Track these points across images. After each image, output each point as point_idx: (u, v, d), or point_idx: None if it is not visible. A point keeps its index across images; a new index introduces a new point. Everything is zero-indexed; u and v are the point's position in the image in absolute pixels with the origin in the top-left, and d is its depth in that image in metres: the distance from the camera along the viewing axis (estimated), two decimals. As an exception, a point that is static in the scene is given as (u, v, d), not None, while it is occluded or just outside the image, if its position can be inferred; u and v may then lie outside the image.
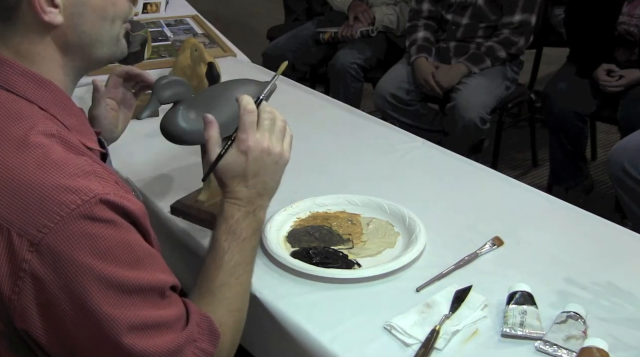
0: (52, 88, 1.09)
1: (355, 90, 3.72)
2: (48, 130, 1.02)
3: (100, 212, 0.96)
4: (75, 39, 1.10)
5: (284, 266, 1.40)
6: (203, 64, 2.18)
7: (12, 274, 0.94)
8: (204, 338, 1.08)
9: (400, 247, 1.47)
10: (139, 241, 1.02)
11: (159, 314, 1.01)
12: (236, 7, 6.87)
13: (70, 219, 0.93)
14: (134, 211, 1.01)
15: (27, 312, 0.95)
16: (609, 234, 1.54)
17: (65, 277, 0.94)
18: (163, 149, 1.83)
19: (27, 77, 1.07)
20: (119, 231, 0.98)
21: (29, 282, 0.94)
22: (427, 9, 3.45)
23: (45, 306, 0.95)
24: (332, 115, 2.21)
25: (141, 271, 1.00)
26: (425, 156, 1.91)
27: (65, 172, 0.97)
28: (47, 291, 0.94)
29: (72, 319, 0.95)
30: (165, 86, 1.42)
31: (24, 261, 0.93)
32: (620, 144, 2.66)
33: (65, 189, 0.95)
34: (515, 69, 3.39)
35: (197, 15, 3.29)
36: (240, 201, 1.23)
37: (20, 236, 0.93)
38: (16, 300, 0.95)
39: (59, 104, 1.09)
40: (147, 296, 1.00)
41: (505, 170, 3.52)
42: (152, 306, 1.01)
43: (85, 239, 0.94)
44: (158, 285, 1.02)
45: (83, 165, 1.00)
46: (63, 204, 0.94)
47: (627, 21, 3.05)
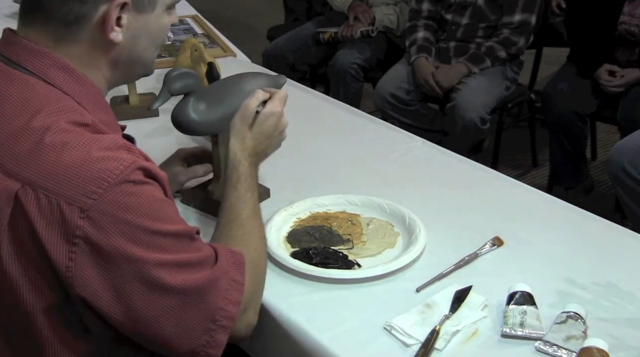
0: (87, 84, 1.16)
1: (355, 90, 3.71)
2: (82, 120, 1.09)
3: (139, 176, 1.07)
4: (126, 58, 1.20)
5: (284, 266, 1.40)
6: (203, 64, 2.18)
7: (67, 241, 1.02)
8: (234, 270, 1.18)
9: (400, 248, 1.47)
10: (166, 198, 1.13)
11: (194, 255, 1.12)
12: (236, 7, 6.87)
13: (116, 183, 1.03)
14: (161, 176, 1.13)
15: (85, 277, 1.03)
16: (609, 234, 1.54)
17: (116, 236, 1.03)
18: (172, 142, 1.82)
19: (66, 72, 1.13)
20: (154, 190, 1.10)
21: (84, 247, 1.02)
22: (427, 9, 3.45)
23: (102, 268, 1.03)
24: (332, 115, 2.21)
25: (174, 223, 1.11)
26: (425, 156, 1.91)
27: (102, 145, 1.06)
28: (101, 252, 1.03)
29: (126, 274, 1.04)
30: (176, 78, 1.45)
31: (77, 227, 1.01)
32: (620, 144, 2.66)
33: (107, 159, 1.04)
34: (515, 69, 3.39)
35: (197, 15, 3.29)
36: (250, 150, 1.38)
37: (70, 204, 1.01)
38: (74, 267, 1.03)
39: (91, 99, 1.16)
40: (182, 240, 1.11)
41: (505, 170, 3.51)
42: (187, 248, 1.11)
43: (130, 198, 1.04)
44: (188, 231, 1.13)
45: (116, 139, 1.10)
46: (108, 170, 1.03)
47: (628, 21, 3.05)
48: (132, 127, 1.64)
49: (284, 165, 1.78)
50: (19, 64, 1.12)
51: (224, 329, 1.14)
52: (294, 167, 1.80)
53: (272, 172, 1.64)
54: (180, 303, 1.09)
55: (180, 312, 1.09)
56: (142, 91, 2.21)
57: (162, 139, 1.71)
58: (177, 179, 1.62)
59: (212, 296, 1.13)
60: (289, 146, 1.53)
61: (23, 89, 1.10)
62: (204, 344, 1.12)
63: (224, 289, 1.14)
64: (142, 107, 2.10)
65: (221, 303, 1.13)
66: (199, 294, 1.11)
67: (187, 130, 1.49)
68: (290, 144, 1.56)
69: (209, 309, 1.12)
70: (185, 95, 1.47)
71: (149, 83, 2.32)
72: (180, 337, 1.11)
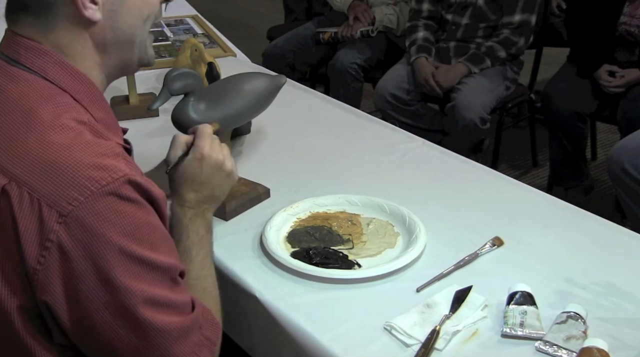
0: (86, 81, 1.14)
1: (355, 90, 3.71)
2: (80, 118, 1.08)
3: (127, 192, 1.01)
4: (112, 37, 1.16)
5: (284, 266, 1.40)
6: (203, 64, 2.18)
7: (40, 244, 0.98)
8: (208, 327, 1.13)
9: (401, 248, 1.47)
10: (158, 224, 1.08)
11: (171, 295, 1.06)
12: (236, 7, 6.87)
13: (100, 195, 0.98)
14: (157, 196, 1.07)
15: (50, 284, 0.99)
16: (609, 234, 1.54)
17: (89, 249, 0.98)
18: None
19: (63, 68, 1.13)
20: (142, 211, 1.04)
21: (55, 253, 0.98)
22: (427, 9, 3.45)
23: (68, 278, 0.99)
24: (332, 115, 2.21)
25: (158, 253, 1.05)
26: (425, 156, 1.91)
27: (97, 151, 1.02)
28: (71, 262, 0.98)
29: (92, 291, 0.99)
30: (176, 78, 1.45)
31: (52, 231, 0.97)
32: (620, 144, 2.66)
33: (96, 166, 1.00)
34: (515, 69, 3.39)
35: (197, 15, 3.30)
36: (189, 203, 1.30)
37: (50, 207, 0.98)
38: (40, 271, 0.99)
39: (90, 97, 1.14)
40: (162, 276, 1.05)
41: (505, 170, 3.52)
42: (165, 287, 1.05)
43: (112, 214, 0.99)
44: (171, 268, 1.07)
45: (113, 147, 1.06)
46: (94, 179, 0.99)
47: (628, 21, 3.05)
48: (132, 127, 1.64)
49: (283, 165, 1.78)
50: (19, 61, 1.11)
51: None
52: (294, 167, 1.80)
53: (272, 172, 1.64)
54: (142, 341, 1.03)
55: (140, 350, 1.04)
56: (142, 91, 2.21)
57: (162, 139, 1.70)
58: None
59: (179, 346, 1.07)
60: (288, 146, 1.54)
61: (22, 85, 1.09)
62: None
63: (194, 344, 1.09)
64: (142, 107, 2.10)
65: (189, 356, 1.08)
66: (167, 338, 1.05)
67: (187, 130, 1.49)
68: (290, 144, 1.57)
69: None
70: (185, 95, 1.47)
71: (149, 83, 2.33)
72: None
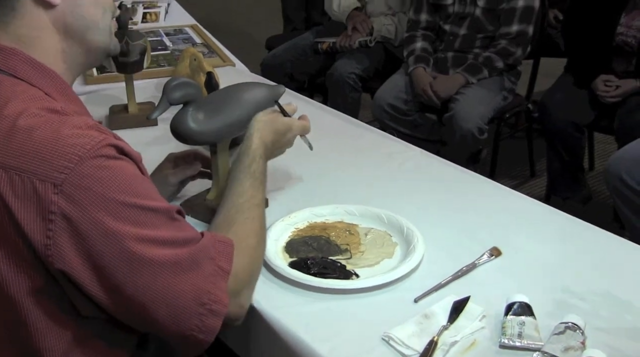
0: (53, 76, 1.17)
1: (354, 100, 3.72)
2: (50, 106, 1.10)
3: (110, 152, 1.07)
4: (72, 22, 1.18)
5: (282, 276, 1.40)
6: (202, 73, 2.19)
7: (43, 219, 1.02)
8: (220, 257, 1.17)
9: (398, 258, 1.47)
10: (141, 175, 1.13)
11: (174, 232, 1.11)
12: (235, 17, 6.88)
13: (87, 158, 1.03)
14: (134, 155, 1.13)
15: (63, 252, 1.03)
16: (607, 244, 1.54)
17: (90, 210, 1.03)
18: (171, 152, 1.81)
19: (30, 65, 1.15)
20: (129, 166, 1.10)
21: (60, 222, 1.02)
22: (425, 20, 3.46)
23: (78, 241, 1.03)
24: (330, 125, 2.21)
25: (151, 199, 1.10)
26: (423, 166, 1.91)
27: (73, 124, 1.07)
28: (77, 226, 1.03)
29: (102, 246, 1.04)
30: (176, 87, 1.45)
31: (52, 203, 1.02)
32: (617, 155, 2.67)
33: (77, 135, 1.05)
34: (513, 80, 3.40)
35: (196, 25, 3.30)
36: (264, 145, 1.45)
37: (43, 181, 1.02)
38: (52, 244, 1.03)
39: (59, 91, 1.17)
40: (160, 217, 1.10)
41: (503, 180, 3.52)
42: (166, 226, 1.11)
43: (102, 171, 1.04)
44: (166, 208, 1.12)
45: (87, 121, 1.10)
46: (78, 145, 1.03)
47: (624, 32, 3.07)
48: (131, 136, 1.64)
49: (281, 175, 1.78)
50: None
51: (214, 314, 1.13)
52: (292, 177, 1.81)
53: (269, 182, 1.63)
54: (158, 278, 1.08)
55: (161, 289, 1.08)
56: (141, 100, 2.21)
57: (161, 148, 1.71)
58: (167, 181, 1.62)
59: (194, 275, 1.11)
60: (286, 156, 1.54)
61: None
62: (193, 328, 1.12)
63: (208, 273, 1.14)
64: (141, 116, 2.11)
65: (207, 286, 1.13)
66: (178, 270, 1.10)
67: (186, 140, 1.49)
68: (287, 154, 1.57)
69: (193, 288, 1.11)
70: (184, 105, 1.47)
71: (148, 92, 2.33)
72: (167, 318, 1.10)
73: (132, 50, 2.06)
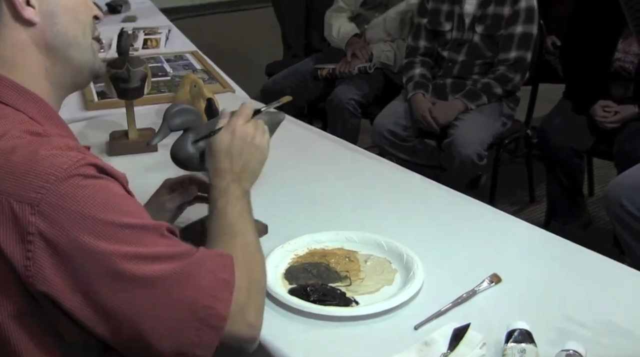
0: (37, 99, 1.16)
1: (353, 126, 3.73)
2: (32, 129, 1.10)
3: (89, 171, 1.05)
4: (53, 39, 1.18)
5: (282, 303, 1.40)
6: (202, 99, 2.20)
7: (22, 240, 1.00)
8: (222, 270, 1.13)
9: (398, 285, 1.47)
10: (127, 194, 1.11)
11: (164, 248, 1.08)
12: (235, 43, 6.92)
13: (64, 178, 1.02)
14: (117, 174, 1.11)
15: (44, 273, 1.01)
16: (608, 270, 1.53)
17: (68, 229, 1.00)
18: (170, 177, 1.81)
19: (14, 90, 1.15)
20: (109, 184, 1.07)
21: (39, 243, 1.00)
22: (423, 46, 3.47)
23: (58, 262, 1.01)
24: (329, 151, 2.22)
25: (135, 217, 1.07)
26: (422, 192, 1.91)
27: (52, 145, 1.06)
28: (56, 246, 1.01)
29: (84, 266, 1.02)
30: (176, 114, 1.46)
31: (29, 223, 1.00)
32: (617, 180, 2.67)
33: (55, 156, 1.04)
34: (512, 105, 3.41)
35: (196, 51, 3.32)
36: (224, 171, 1.37)
37: (20, 202, 1.00)
38: (32, 265, 1.01)
39: (44, 115, 1.16)
40: (148, 234, 1.07)
41: (502, 206, 3.52)
42: (155, 242, 1.07)
43: (80, 190, 1.02)
44: (155, 225, 1.09)
45: (68, 142, 1.09)
46: (55, 165, 1.02)
47: (622, 57, 3.08)
48: (131, 162, 1.65)
49: (281, 202, 1.78)
50: None
51: (213, 329, 1.09)
52: (291, 203, 1.81)
53: (269, 209, 1.64)
54: (150, 296, 1.05)
55: (153, 305, 1.05)
56: (142, 126, 2.22)
57: (161, 174, 1.71)
58: (164, 207, 1.61)
59: (190, 289, 1.07)
60: (286, 182, 1.54)
61: None
62: (189, 344, 1.07)
63: (206, 286, 1.09)
64: (141, 142, 2.11)
65: (205, 300, 1.08)
66: (171, 284, 1.06)
67: (185, 166, 1.49)
68: (287, 180, 1.57)
69: (188, 304, 1.07)
70: (184, 131, 1.48)
71: (148, 118, 2.34)
72: (162, 335, 1.06)
73: (132, 77, 2.07)
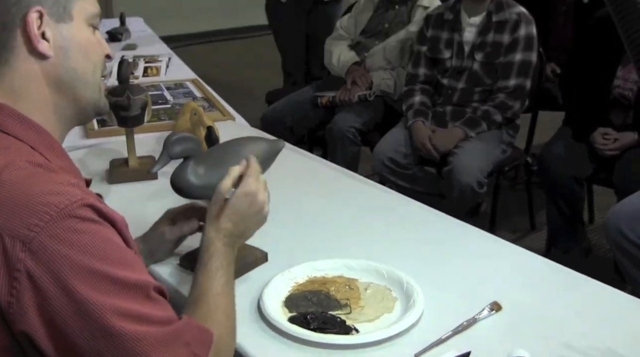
0: (40, 131, 1.16)
1: (353, 154, 3.73)
2: (34, 160, 1.09)
3: (87, 213, 1.03)
4: (63, 74, 1.19)
5: (282, 331, 1.39)
6: (202, 127, 2.20)
7: (8, 276, 0.99)
8: (198, 344, 1.11)
9: (399, 313, 1.46)
10: (121, 243, 1.08)
11: (146, 310, 1.05)
12: (235, 71, 6.95)
13: (60, 218, 1.00)
14: (115, 218, 1.09)
15: (25, 313, 0.99)
16: (608, 298, 1.53)
17: (56, 272, 0.99)
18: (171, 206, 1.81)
19: (18, 120, 1.14)
20: (104, 230, 1.05)
21: (25, 282, 0.99)
22: (423, 74, 3.49)
23: (41, 304, 0.99)
24: (329, 178, 2.22)
25: (125, 269, 1.04)
26: (422, 220, 1.91)
27: (52, 181, 1.05)
28: (41, 288, 0.99)
29: (66, 313, 1.00)
30: (176, 142, 1.47)
31: (18, 260, 0.98)
32: (617, 208, 2.66)
33: (52, 193, 1.02)
34: (512, 133, 3.41)
35: (196, 79, 3.33)
36: (225, 232, 1.38)
37: (13, 237, 0.99)
38: (15, 304, 0.99)
39: (47, 146, 1.16)
40: (134, 292, 1.04)
41: (503, 233, 3.51)
42: (137, 302, 1.05)
43: (73, 234, 1.00)
44: (143, 284, 1.06)
45: (68, 179, 1.08)
46: (52, 204, 1.01)
47: (621, 85, 3.09)
48: (131, 190, 1.65)
49: (281, 229, 1.78)
50: None
51: None
52: (292, 231, 1.80)
53: (269, 236, 1.64)
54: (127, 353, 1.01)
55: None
56: (142, 154, 2.22)
57: (161, 202, 1.71)
58: (165, 238, 1.62)
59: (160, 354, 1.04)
60: (286, 210, 1.54)
61: None
62: None
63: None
64: (141, 170, 2.11)
65: None
66: (148, 350, 1.03)
67: (186, 194, 1.50)
68: (287, 208, 1.57)
69: None
70: (184, 159, 1.48)
71: (148, 146, 2.35)
72: None
73: (133, 105, 2.08)
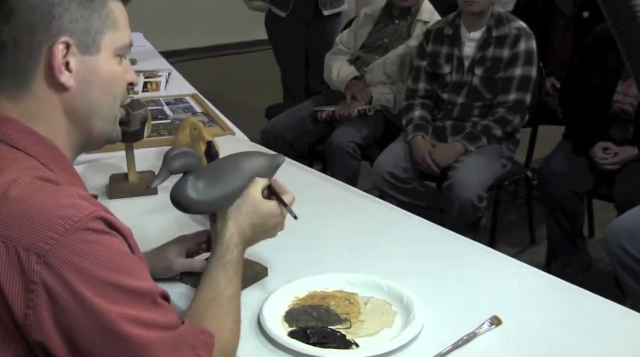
0: (51, 147, 1.17)
1: (353, 168, 3.73)
2: (43, 175, 1.11)
3: (99, 225, 1.06)
4: (81, 105, 1.20)
5: (282, 346, 1.39)
6: (202, 142, 2.20)
7: (24, 289, 1.01)
8: (202, 347, 1.15)
9: (398, 327, 1.46)
10: (129, 252, 1.12)
11: (154, 316, 1.09)
12: (235, 86, 6.96)
13: (74, 230, 1.03)
14: (123, 229, 1.12)
15: (42, 324, 1.02)
16: (609, 313, 1.53)
17: (72, 284, 1.01)
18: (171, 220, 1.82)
19: (27, 135, 1.16)
20: (116, 242, 1.09)
21: (41, 294, 1.01)
22: (423, 88, 3.50)
23: (57, 315, 1.02)
24: (329, 193, 2.22)
25: (135, 278, 1.08)
26: (422, 234, 1.91)
27: (63, 194, 1.07)
28: (57, 299, 1.01)
29: (81, 323, 1.02)
30: (176, 157, 1.47)
31: (34, 273, 1.01)
32: (617, 222, 2.67)
33: (66, 206, 1.05)
34: (512, 147, 3.42)
35: (196, 94, 3.34)
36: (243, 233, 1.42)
37: (27, 250, 1.01)
38: (32, 315, 1.01)
39: (56, 162, 1.17)
40: (143, 299, 1.08)
41: (503, 248, 3.51)
42: (147, 309, 1.08)
43: (88, 246, 1.03)
44: (152, 292, 1.10)
45: (78, 191, 1.11)
46: (66, 217, 1.03)
47: (621, 99, 3.10)
48: (130, 205, 1.65)
49: (281, 244, 1.78)
50: None
51: None
52: (292, 245, 1.80)
53: (269, 251, 1.64)
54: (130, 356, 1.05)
55: None
56: (141, 169, 2.22)
57: (161, 217, 1.72)
58: (170, 268, 1.60)
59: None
60: (286, 224, 1.54)
61: None
62: None
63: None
64: (141, 185, 2.11)
65: None
66: (156, 353, 1.07)
67: (185, 209, 1.49)
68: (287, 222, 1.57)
69: None
70: (184, 174, 1.48)
71: (148, 161, 2.35)
72: None
73: (132, 120, 2.08)
